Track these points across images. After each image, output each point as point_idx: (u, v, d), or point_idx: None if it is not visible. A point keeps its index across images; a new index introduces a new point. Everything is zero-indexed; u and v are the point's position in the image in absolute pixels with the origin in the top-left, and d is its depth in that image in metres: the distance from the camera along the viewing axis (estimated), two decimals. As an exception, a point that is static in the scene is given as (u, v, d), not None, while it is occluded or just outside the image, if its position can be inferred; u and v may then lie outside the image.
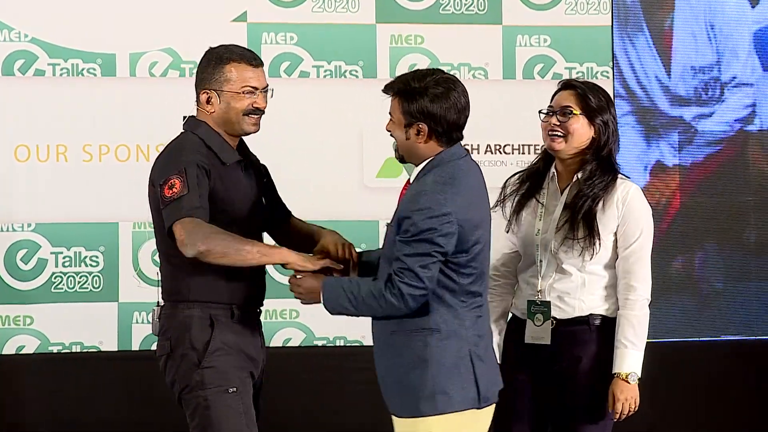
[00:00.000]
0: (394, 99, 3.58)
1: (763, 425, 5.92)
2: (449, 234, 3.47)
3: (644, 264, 3.88)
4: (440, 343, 3.51)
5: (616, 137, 3.95)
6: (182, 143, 3.72)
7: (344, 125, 5.58)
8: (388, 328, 3.55)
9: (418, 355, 3.50)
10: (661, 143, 5.94)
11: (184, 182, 3.55)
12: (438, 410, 3.50)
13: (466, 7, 5.71)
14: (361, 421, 5.45)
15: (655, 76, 5.92)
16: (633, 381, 3.83)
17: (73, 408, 5.46)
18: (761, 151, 6.03)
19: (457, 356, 3.52)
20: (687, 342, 5.89)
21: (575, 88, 3.92)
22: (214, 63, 3.72)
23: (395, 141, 3.64)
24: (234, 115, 3.70)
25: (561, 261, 3.89)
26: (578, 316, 3.89)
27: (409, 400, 3.52)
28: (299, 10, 5.60)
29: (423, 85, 3.53)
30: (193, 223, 3.52)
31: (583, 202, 3.87)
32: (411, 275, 3.46)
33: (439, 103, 3.52)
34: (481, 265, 3.59)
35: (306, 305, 3.68)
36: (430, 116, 3.52)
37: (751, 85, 6.02)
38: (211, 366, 3.61)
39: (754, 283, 6.01)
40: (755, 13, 6.01)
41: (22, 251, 5.43)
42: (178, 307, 3.66)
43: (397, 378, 3.54)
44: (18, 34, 5.42)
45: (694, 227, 5.97)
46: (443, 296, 3.52)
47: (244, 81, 3.69)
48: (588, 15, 5.80)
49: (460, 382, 3.51)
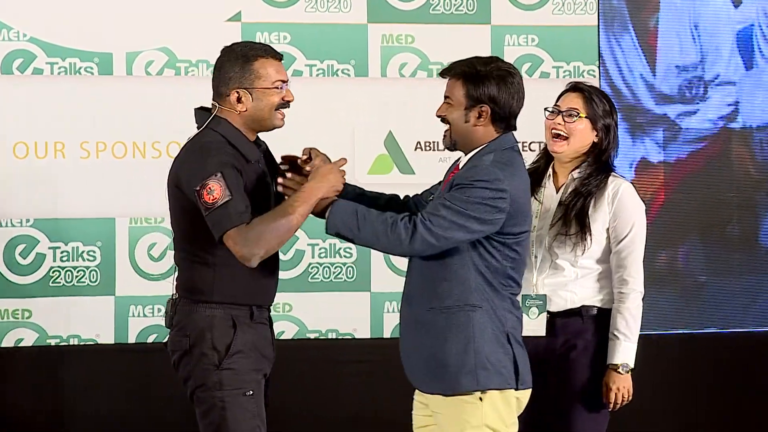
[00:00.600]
0: (455, 81, 3.56)
1: (745, 416, 5.96)
2: (500, 210, 3.44)
3: (636, 258, 3.93)
4: (483, 319, 3.49)
5: (616, 143, 4.00)
6: (208, 143, 3.61)
7: (336, 123, 5.57)
8: (425, 305, 3.51)
9: (460, 331, 3.48)
10: (647, 140, 5.96)
11: (224, 186, 3.47)
12: (480, 385, 3.47)
13: (456, 7, 5.72)
14: (353, 412, 5.49)
15: (640, 75, 5.95)
16: (625, 372, 3.89)
17: (70, 400, 5.46)
18: (744, 148, 6.05)
19: (498, 334, 3.51)
20: (671, 334, 5.91)
21: (583, 92, 3.97)
22: (241, 61, 3.63)
23: (449, 126, 3.59)
24: (267, 112, 3.63)
25: (555, 256, 3.94)
26: (571, 307, 3.94)
27: (448, 376, 3.49)
28: (292, 10, 5.60)
29: (489, 69, 3.54)
30: (242, 232, 3.45)
31: (577, 200, 3.92)
32: (437, 222, 3.41)
33: (504, 88, 3.52)
34: (524, 254, 3.58)
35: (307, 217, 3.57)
36: (494, 100, 3.52)
37: (734, 84, 6.05)
38: (231, 368, 3.57)
39: (736, 277, 6.03)
40: (738, 13, 6.04)
41: (21, 246, 5.42)
42: (198, 306, 3.61)
43: (433, 355, 3.50)
44: (17, 34, 5.40)
45: (678, 222, 5.98)
46: (486, 275, 3.50)
47: (274, 76, 3.63)
48: (575, 15, 5.81)
49: (501, 360, 3.50)
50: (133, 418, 5.46)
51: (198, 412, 3.65)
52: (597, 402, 3.92)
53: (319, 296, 5.62)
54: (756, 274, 6.05)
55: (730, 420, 5.96)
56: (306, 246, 5.62)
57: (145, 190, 5.40)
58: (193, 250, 3.64)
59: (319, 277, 5.63)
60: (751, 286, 6.05)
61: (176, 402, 4.71)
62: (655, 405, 5.65)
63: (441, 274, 3.51)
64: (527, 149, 5.60)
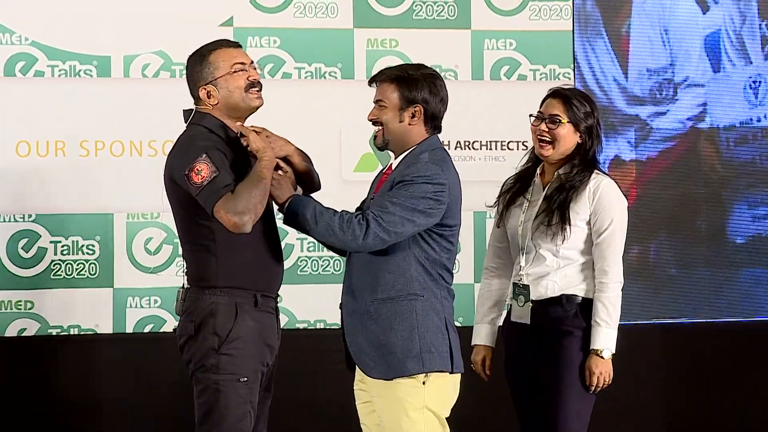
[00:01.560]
0: (389, 85, 3.70)
1: (714, 403, 6.03)
2: (441, 203, 3.60)
3: (615, 250, 4.03)
4: (424, 307, 3.65)
5: (599, 140, 4.10)
6: (192, 135, 3.71)
7: (324, 123, 5.61)
8: (369, 297, 3.67)
9: (405, 319, 3.63)
10: (619, 139, 6.02)
11: (210, 164, 3.55)
12: (425, 368, 3.63)
13: (438, 13, 5.78)
14: (341, 400, 5.36)
15: (613, 78, 6.00)
16: (606, 356, 3.98)
17: (70, 387, 5.49)
18: (711, 147, 6.10)
19: (438, 321, 3.66)
20: (643, 324, 5.95)
21: (563, 97, 4.06)
22: (199, 60, 3.73)
23: (381, 127, 3.73)
24: (237, 95, 3.71)
25: (538, 247, 4.04)
26: (551, 296, 4.04)
27: (396, 362, 3.63)
28: (282, 15, 5.65)
29: (419, 74, 3.70)
30: (229, 201, 3.52)
31: (560, 193, 4.02)
32: (388, 218, 3.55)
33: (434, 90, 3.70)
34: (456, 246, 3.74)
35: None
36: (426, 101, 3.68)
37: (703, 86, 6.11)
38: (229, 354, 3.64)
39: (705, 269, 6.09)
40: (706, 18, 6.10)
41: (24, 240, 5.45)
42: (205, 293, 3.68)
43: (382, 343, 3.64)
44: (19, 38, 5.43)
45: (650, 217, 6.03)
46: (425, 266, 3.66)
47: (230, 60, 3.70)
48: (551, 21, 5.86)
49: (440, 345, 3.67)
50: (131, 404, 5.50)
51: (195, 391, 3.74)
52: (582, 386, 4.01)
53: (308, 288, 5.66)
54: (723, 266, 6.11)
55: (701, 408, 6.04)
56: (295, 240, 5.66)
57: (142, 186, 5.43)
58: (194, 239, 3.73)
59: (307, 270, 5.69)
60: (718, 278, 6.11)
61: (173, 388, 4.80)
62: (627, 391, 5.62)
63: (384, 267, 3.66)
64: (506, 148, 5.70)
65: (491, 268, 4.24)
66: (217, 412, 3.66)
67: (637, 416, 5.97)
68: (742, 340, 6.09)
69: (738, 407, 6.05)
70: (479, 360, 4.23)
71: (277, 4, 5.68)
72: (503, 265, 4.22)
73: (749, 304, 6.15)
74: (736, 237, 6.17)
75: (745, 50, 6.16)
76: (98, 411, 5.52)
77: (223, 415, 3.66)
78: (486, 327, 4.23)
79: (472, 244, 5.79)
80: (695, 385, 6.05)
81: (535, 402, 4.08)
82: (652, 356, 5.97)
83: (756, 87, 6.14)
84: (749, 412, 6.07)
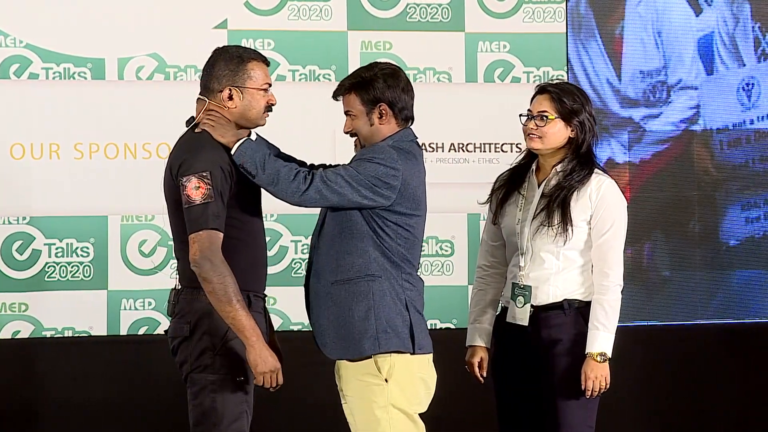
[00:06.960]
0: (349, 95, 3.75)
1: (708, 405, 6.04)
2: (391, 187, 3.65)
3: (616, 252, 3.95)
4: (382, 287, 3.69)
5: (594, 133, 3.99)
6: (205, 139, 3.69)
7: (318, 125, 5.58)
8: (330, 278, 3.70)
9: (362, 300, 3.67)
10: (612, 142, 6.03)
11: (209, 187, 3.56)
12: (381, 348, 3.67)
13: (432, 15, 5.79)
14: (334, 401, 5.39)
15: (606, 80, 6.02)
16: (602, 360, 3.89)
17: (64, 389, 5.50)
18: (704, 149, 6.11)
19: (397, 301, 3.69)
20: (637, 326, 5.96)
21: (550, 93, 3.97)
22: (235, 61, 3.71)
23: (359, 137, 3.77)
24: (255, 112, 3.72)
25: (537, 248, 3.96)
26: (553, 302, 3.96)
27: (353, 342, 3.69)
28: (276, 17, 5.66)
29: (374, 73, 3.75)
30: (210, 243, 3.54)
31: (560, 192, 3.93)
32: (332, 178, 3.60)
33: (393, 82, 3.74)
34: (417, 238, 3.76)
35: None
36: (387, 97, 3.73)
37: (696, 88, 6.12)
38: (225, 353, 3.65)
39: (698, 271, 6.10)
40: (699, 21, 6.11)
41: (18, 242, 5.46)
42: (199, 294, 3.65)
43: (341, 323, 3.69)
44: (13, 40, 5.45)
45: (643, 220, 6.03)
46: (383, 251, 3.69)
47: (263, 79, 3.74)
48: (544, 23, 5.88)
49: (398, 325, 3.70)
50: (125, 405, 5.51)
51: (189, 393, 3.73)
52: (580, 391, 3.94)
53: (302, 290, 5.58)
54: (716, 268, 6.12)
55: (695, 410, 6.03)
56: (289, 242, 5.68)
57: (136, 189, 5.48)
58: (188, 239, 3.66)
59: (301, 272, 5.59)
60: (711, 280, 6.12)
61: (166, 390, 4.81)
62: (620, 393, 5.58)
63: (344, 248, 3.70)
64: (500, 150, 5.71)
65: (485, 267, 4.17)
66: (214, 413, 3.66)
67: (630, 418, 5.97)
68: (736, 341, 6.11)
69: (732, 408, 6.07)
70: (475, 362, 4.12)
71: (272, 7, 5.70)
72: (497, 263, 4.14)
73: (742, 305, 6.15)
74: (730, 239, 6.17)
75: (738, 52, 6.17)
76: (93, 413, 5.52)
77: (220, 416, 3.66)
78: (482, 328, 4.14)
79: (466, 246, 5.80)
80: (688, 387, 6.04)
81: (536, 410, 4.01)
82: (645, 358, 5.96)
83: (749, 89, 6.15)
84: (743, 413, 6.09)
